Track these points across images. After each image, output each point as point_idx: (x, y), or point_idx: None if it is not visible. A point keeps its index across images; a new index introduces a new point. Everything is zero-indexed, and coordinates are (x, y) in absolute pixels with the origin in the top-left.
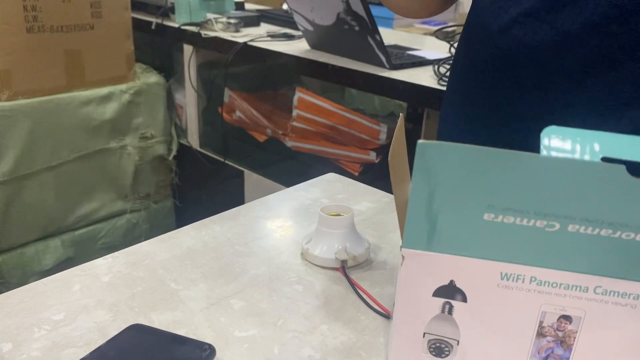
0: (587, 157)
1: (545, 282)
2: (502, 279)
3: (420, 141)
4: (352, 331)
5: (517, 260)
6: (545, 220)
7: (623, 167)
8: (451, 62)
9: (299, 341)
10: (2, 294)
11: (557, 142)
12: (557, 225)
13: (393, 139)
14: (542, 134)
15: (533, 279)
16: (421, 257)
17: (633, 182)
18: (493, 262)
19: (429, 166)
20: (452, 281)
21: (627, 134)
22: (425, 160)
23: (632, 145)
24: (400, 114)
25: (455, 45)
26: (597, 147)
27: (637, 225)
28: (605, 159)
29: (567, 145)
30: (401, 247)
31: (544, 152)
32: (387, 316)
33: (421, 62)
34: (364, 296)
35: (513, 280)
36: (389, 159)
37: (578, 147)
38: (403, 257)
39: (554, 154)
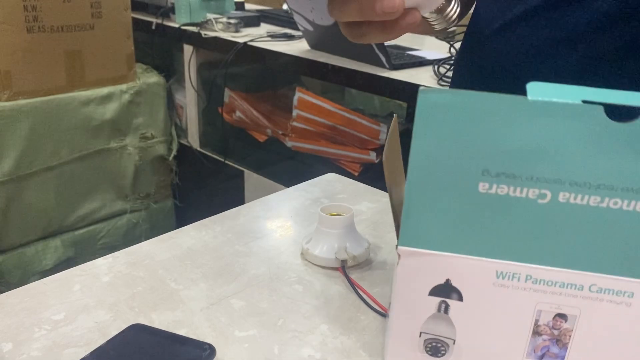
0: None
1: (540, 280)
2: (497, 277)
3: (421, 88)
4: (352, 331)
5: (512, 255)
6: (537, 189)
7: (601, 107)
8: (451, 62)
9: (299, 341)
10: (2, 294)
11: (541, 92)
12: (549, 195)
13: (387, 140)
14: (527, 87)
15: (528, 277)
16: (417, 255)
17: (611, 126)
18: (489, 260)
19: (429, 115)
20: (448, 280)
21: None
22: (426, 108)
23: (612, 94)
24: (395, 115)
25: (456, 45)
26: (578, 95)
27: (623, 188)
28: (585, 102)
29: (550, 94)
30: (397, 245)
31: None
32: (386, 316)
33: (421, 62)
34: (364, 296)
35: (509, 279)
36: (383, 159)
37: (560, 95)
38: (399, 256)
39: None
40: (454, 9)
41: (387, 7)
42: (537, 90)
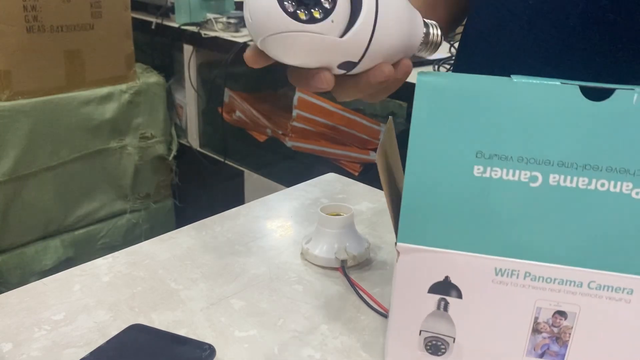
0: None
1: (539, 277)
2: (496, 274)
3: (419, 71)
4: (352, 331)
5: (511, 251)
6: (528, 171)
7: (577, 87)
8: (451, 62)
9: (299, 341)
10: (2, 294)
11: (524, 77)
12: (540, 178)
13: (382, 139)
14: (512, 76)
15: (527, 274)
16: (416, 252)
17: (587, 105)
18: (487, 257)
19: (427, 97)
20: (447, 277)
21: None
22: (424, 90)
23: (588, 82)
24: (390, 116)
25: (456, 45)
26: (557, 80)
27: (607, 167)
28: (564, 84)
29: (532, 78)
30: (396, 243)
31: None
32: (387, 316)
33: (421, 62)
34: (364, 296)
35: (508, 276)
36: (376, 158)
37: (541, 79)
38: (398, 253)
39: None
40: (436, 34)
41: (319, 84)
42: (521, 76)
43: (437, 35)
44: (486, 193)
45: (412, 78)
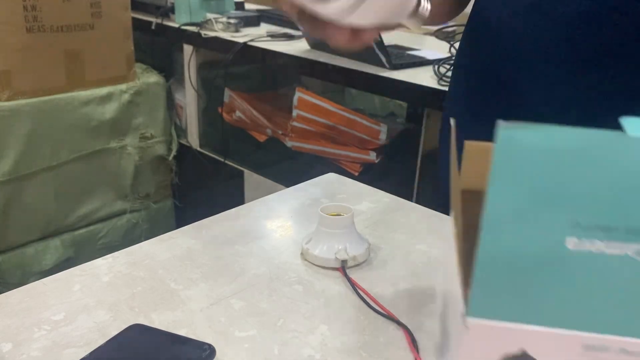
0: None
1: (637, 352)
2: (585, 350)
3: (502, 123)
4: (352, 331)
5: (603, 327)
6: (638, 244)
7: None
8: (452, 62)
9: (299, 341)
10: (2, 294)
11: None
12: None
13: (462, 168)
14: (622, 123)
15: (623, 351)
16: (489, 328)
17: None
18: (574, 334)
19: (511, 156)
20: (523, 351)
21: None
22: (508, 147)
23: None
24: (451, 119)
25: (456, 45)
26: None
27: None
28: None
29: None
30: (465, 315)
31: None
32: (387, 316)
33: (421, 62)
34: (364, 296)
35: (599, 351)
36: (451, 197)
37: None
38: (467, 328)
39: None
40: (425, 8)
41: (338, 42)
42: (636, 126)
43: (426, 9)
44: (582, 268)
45: (413, 78)
